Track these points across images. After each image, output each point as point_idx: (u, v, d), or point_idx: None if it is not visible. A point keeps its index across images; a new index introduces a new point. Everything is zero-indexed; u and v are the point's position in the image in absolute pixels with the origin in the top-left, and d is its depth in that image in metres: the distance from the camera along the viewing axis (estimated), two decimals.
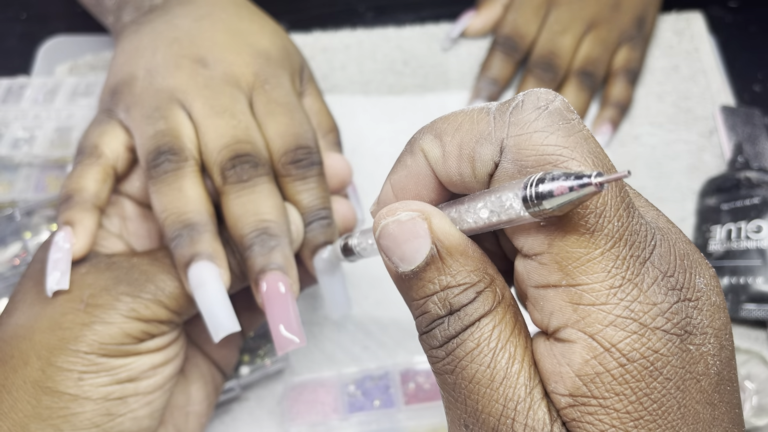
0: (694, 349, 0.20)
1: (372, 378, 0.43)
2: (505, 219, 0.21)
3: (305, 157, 0.35)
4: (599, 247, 0.20)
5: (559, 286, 0.20)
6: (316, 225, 0.35)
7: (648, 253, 0.20)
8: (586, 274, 0.20)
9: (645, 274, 0.20)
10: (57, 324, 0.31)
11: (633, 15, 0.54)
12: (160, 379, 0.33)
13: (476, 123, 0.22)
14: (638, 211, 0.21)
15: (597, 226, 0.20)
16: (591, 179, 0.18)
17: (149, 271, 0.33)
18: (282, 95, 0.37)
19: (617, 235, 0.20)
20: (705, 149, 0.52)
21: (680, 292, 0.20)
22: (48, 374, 0.30)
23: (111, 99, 0.37)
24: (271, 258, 0.32)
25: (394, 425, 0.41)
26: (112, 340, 0.31)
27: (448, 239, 0.22)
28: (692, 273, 0.21)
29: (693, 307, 0.20)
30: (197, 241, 0.32)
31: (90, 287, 0.32)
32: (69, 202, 0.34)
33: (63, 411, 0.30)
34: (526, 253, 0.21)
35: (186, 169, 0.34)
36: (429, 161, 0.24)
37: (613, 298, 0.20)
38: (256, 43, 0.38)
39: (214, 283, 0.31)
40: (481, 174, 0.22)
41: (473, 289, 0.22)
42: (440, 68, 0.56)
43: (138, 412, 0.32)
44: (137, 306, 0.31)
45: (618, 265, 0.20)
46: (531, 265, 0.21)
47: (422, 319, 0.23)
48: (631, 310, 0.20)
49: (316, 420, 0.41)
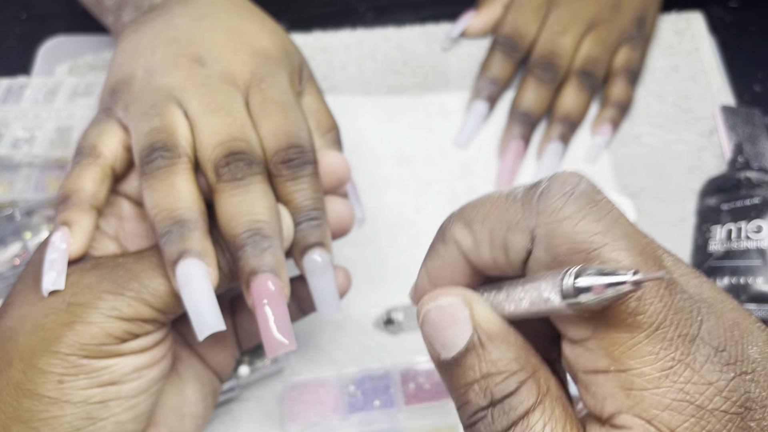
0: (755, 425, 0.19)
1: (372, 378, 0.42)
2: (544, 309, 0.21)
3: (297, 157, 0.35)
4: (644, 330, 0.19)
5: (608, 371, 0.20)
6: (306, 225, 0.34)
7: (696, 329, 0.20)
8: (634, 358, 0.19)
9: (696, 352, 0.19)
10: (39, 325, 0.30)
11: (633, 15, 0.54)
12: (144, 382, 0.32)
13: (504, 211, 0.22)
14: (680, 285, 0.20)
15: (639, 309, 0.19)
16: (628, 277, 0.18)
17: (134, 269, 0.32)
18: (278, 94, 0.36)
19: (661, 316, 0.19)
20: (705, 149, 0.52)
21: (735, 366, 0.19)
22: (29, 376, 0.30)
23: (110, 98, 0.37)
24: (263, 260, 0.32)
25: (395, 425, 0.41)
26: (93, 340, 0.30)
27: (488, 325, 0.22)
28: (744, 344, 0.20)
29: (750, 380, 0.20)
30: (187, 238, 0.32)
31: (73, 286, 0.31)
32: (66, 203, 0.34)
33: (43, 414, 0.29)
34: (571, 339, 0.21)
35: (179, 165, 0.33)
36: (462, 250, 0.24)
37: (665, 381, 0.19)
38: (255, 42, 0.38)
39: (201, 281, 0.31)
40: (515, 261, 0.22)
41: (515, 378, 0.21)
42: (440, 68, 0.56)
43: (120, 416, 0.31)
44: (119, 304, 0.31)
45: (666, 347, 0.19)
46: (578, 351, 0.21)
47: (464, 409, 0.22)
48: (685, 392, 0.19)
49: (316, 420, 0.41)
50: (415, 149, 0.53)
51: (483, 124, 0.54)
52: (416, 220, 0.50)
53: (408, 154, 0.52)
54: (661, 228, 0.49)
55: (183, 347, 0.37)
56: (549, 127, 0.52)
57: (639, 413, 0.19)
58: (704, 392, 0.19)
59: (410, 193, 0.51)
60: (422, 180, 0.51)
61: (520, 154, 0.51)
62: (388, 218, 0.49)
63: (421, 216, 0.50)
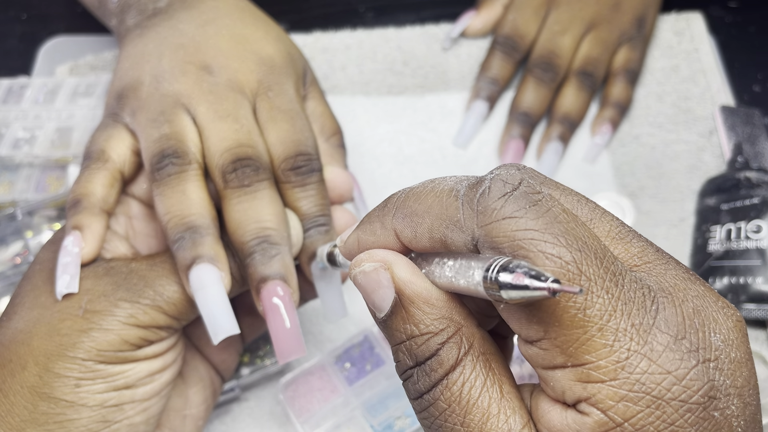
0: (718, 415, 0.19)
1: (354, 346, 0.43)
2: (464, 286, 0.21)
3: (305, 164, 0.35)
4: (595, 323, 0.19)
5: (565, 366, 0.20)
6: (314, 231, 0.35)
7: (651, 318, 0.19)
8: (589, 353, 0.19)
9: (653, 341, 0.19)
10: (55, 330, 0.31)
11: (633, 15, 0.54)
12: (157, 385, 0.33)
13: (445, 208, 0.22)
14: (632, 275, 0.20)
15: (586, 304, 0.19)
16: (545, 285, 0.18)
17: (148, 276, 0.33)
18: (284, 102, 0.37)
19: (610, 308, 0.19)
20: (705, 149, 0.52)
21: (696, 353, 0.19)
22: (45, 380, 0.30)
23: (117, 103, 0.37)
24: (272, 267, 0.32)
25: (393, 377, 0.42)
26: (110, 347, 0.31)
27: (409, 288, 0.22)
28: (706, 331, 0.20)
29: (714, 368, 0.19)
30: (199, 244, 0.32)
31: (88, 293, 0.32)
32: (77, 207, 0.34)
33: (59, 417, 0.30)
34: (525, 339, 0.21)
35: (189, 172, 0.34)
36: (400, 238, 0.24)
37: (621, 372, 0.19)
38: (261, 50, 0.38)
39: (215, 286, 0.32)
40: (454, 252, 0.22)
41: (436, 339, 0.22)
42: (440, 68, 0.56)
43: (134, 419, 0.32)
44: (135, 312, 0.31)
45: (620, 338, 0.19)
46: (533, 350, 0.21)
47: (397, 367, 0.23)
48: (642, 383, 0.19)
49: (322, 407, 0.41)
50: (415, 149, 0.53)
51: (483, 124, 0.54)
52: None
53: (408, 154, 0.53)
54: (660, 228, 0.49)
55: (188, 349, 0.37)
56: (548, 127, 0.52)
57: (595, 404, 0.19)
58: (661, 382, 0.19)
59: None
60: (422, 180, 0.51)
61: (519, 154, 0.52)
62: None
63: None
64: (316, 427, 0.41)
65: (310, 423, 0.41)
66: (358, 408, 0.42)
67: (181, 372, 0.37)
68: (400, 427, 0.42)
